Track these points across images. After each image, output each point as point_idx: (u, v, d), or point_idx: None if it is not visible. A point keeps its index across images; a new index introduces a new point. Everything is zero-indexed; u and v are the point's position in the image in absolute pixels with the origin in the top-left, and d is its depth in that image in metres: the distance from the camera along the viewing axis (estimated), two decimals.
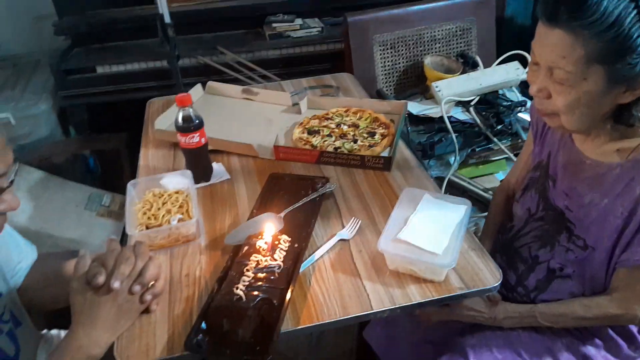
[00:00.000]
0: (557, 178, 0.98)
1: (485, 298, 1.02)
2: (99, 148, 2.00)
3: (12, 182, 0.76)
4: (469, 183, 1.68)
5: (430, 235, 0.91)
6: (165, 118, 1.38)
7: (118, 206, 1.85)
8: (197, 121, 1.11)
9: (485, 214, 1.59)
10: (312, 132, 1.33)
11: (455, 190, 1.69)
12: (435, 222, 0.94)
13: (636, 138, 0.85)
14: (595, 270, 0.93)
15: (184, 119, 1.10)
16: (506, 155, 1.70)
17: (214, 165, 1.23)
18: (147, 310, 0.84)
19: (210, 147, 1.24)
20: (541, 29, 0.80)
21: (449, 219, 0.95)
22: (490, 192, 1.68)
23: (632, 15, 0.72)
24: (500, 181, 1.61)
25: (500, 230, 1.16)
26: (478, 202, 1.68)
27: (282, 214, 1.01)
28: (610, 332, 0.99)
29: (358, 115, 1.40)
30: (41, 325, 1.12)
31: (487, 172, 1.77)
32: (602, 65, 0.76)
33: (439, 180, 1.66)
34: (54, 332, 1.11)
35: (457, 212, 0.97)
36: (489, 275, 0.89)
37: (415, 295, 0.86)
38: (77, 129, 2.16)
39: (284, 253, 0.90)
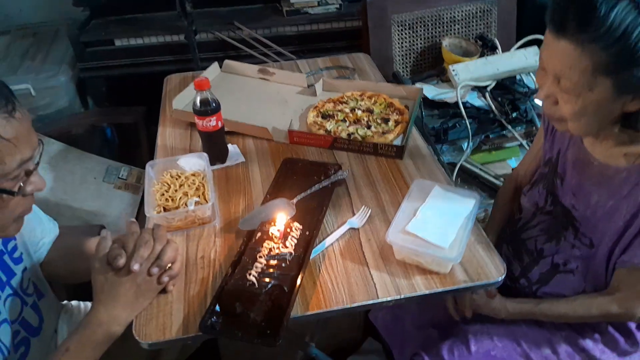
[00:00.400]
0: (565, 176, 0.99)
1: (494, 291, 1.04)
2: (117, 121, 2.03)
3: (37, 164, 0.79)
4: (480, 169, 1.69)
5: (438, 228, 0.93)
6: (182, 97, 1.40)
7: (135, 179, 1.89)
8: (214, 105, 1.13)
9: (498, 192, 1.61)
10: (326, 116, 1.35)
11: (466, 175, 1.70)
12: (443, 215, 0.96)
13: None
14: (597, 267, 0.96)
15: (201, 102, 1.12)
16: (520, 142, 1.70)
17: (230, 147, 1.25)
18: (164, 291, 0.89)
19: (226, 129, 1.26)
20: (548, 37, 0.79)
21: (457, 212, 0.97)
22: (502, 178, 1.69)
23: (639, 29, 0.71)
24: (512, 169, 1.62)
25: (508, 220, 1.18)
26: (489, 189, 1.70)
27: (295, 200, 1.04)
28: (609, 327, 1.02)
29: (373, 99, 1.41)
30: (62, 296, 1.18)
31: (499, 158, 1.78)
32: (609, 76, 0.76)
33: (451, 165, 1.68)
34: (74, 302, 1.17)
35: (466, 205, 0.98)
36: (493, 269, 0.92)
37: (420, 286, 0.89)
38: (96, 101, 2.19)
39: (295, 241, 0.93)
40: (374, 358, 1.54)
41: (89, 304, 1.18)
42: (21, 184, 0.75)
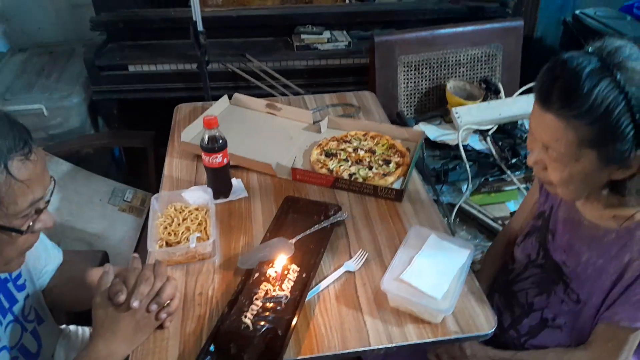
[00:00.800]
0: (556, 233, 1.02)
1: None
2: (127, 144, 2.08)
3: (48, 202, 0.82)
4: (479, 211, 1.71)
5: (432, 277, 0.96)
6: (191, 129, 1.44)
7: (139, 202, 1.93)
8: (221, 142, 1.17)
9: (492, 243, 1.63)
10: (329, 154, 1.38)
11: (465, 216, 1.73)
12: (438, 265, 0.99)
13: (630, 208, 0.88)
14: (583, 323, 0.97)
15: (209, 139, 1.16)
16: (518, 186, 1.73)
17: (234, 181, 1.29)
18: (161, 326, 0.91)
19: (231, 163, 1.30)
20: (535, 108, 0.82)
21: (451, 262, 0.99)
22: (500, 221, 1.72)
23: (621, 106, 0.74)
24: (506, 222, 1.65)
25: (501, 270, 1.20)
26: (486, 230, 1.72)
27: (294, 240, 1.07)
28: None
29: (375, 140, 1.45)
30: (62, 320, 1.20)
31: (498, 201, 1.81)
32: (594, 149, 0.79)
33: (451, 206, 1.70)
34: (72, 327, 1.18)
35: (460, 255, 1.01)
36: (484, 321, 0.93)
37: (412, 335, 0.91)
38: (107, 122, 2.24)
39: (292, 283, 0.95)
40: None
41: (87, 329, 1.20)
42: (30, 222, 0.78)
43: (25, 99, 2.03)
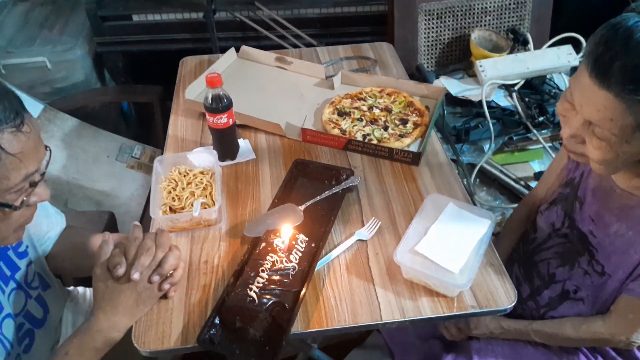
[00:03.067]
0: (584, 201, 0.95)
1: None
2: (134, 100, 2.01)
3: (43, 174, 0.77)
4: (501, 172, 1.63)
5: (448, 250, 0.90)
6: (196, 86, 1.36)
7: (148, 158, 1.88)
8: (225, 101, 1.09)
9: (514, 205, 1.56)
10: (342, 113, 1.30)
11: (486, 178, 1.65)
12: (456, 236, 0.92)
13: None
14: (606, 297, 0.93)
15: (213, 99, 1.08)
16: (544, 146, 1.63)
17: (241, 142, 1.22)
18: (165, 297, 0.88)
19: (238, 122, 1.23)
20: (587, 81, 0.71)
21: (470, 233, 0.93)
22: (522, 182, 1.63)
23: None
24: (530, 183, 1.57)
25: (522, 238, 1.14)
26: (508, 192, 1.64)
27: (303, 207, 1.01)
28: (614, 354, 1.00)
29: (392, 97, 1.35)
30: (69, 282, 1.19)
31: (522, 160, 1.72)
32: None
33: (471, 166, 1.62)
34: (80, 289, 1.17)
35: (480, 226, 0.94)
36: (504, 296, 0.88)
37: (426, 309, 0.87)
38: (113, 76, 2.17)
39: (300, 254, 0.90)
40: (377, 353, 1.53)
41: None
42: (24, 197, 0.73)
43: (28, 52, 1.96)
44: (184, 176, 1.08)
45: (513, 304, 0.87)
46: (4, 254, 0.90)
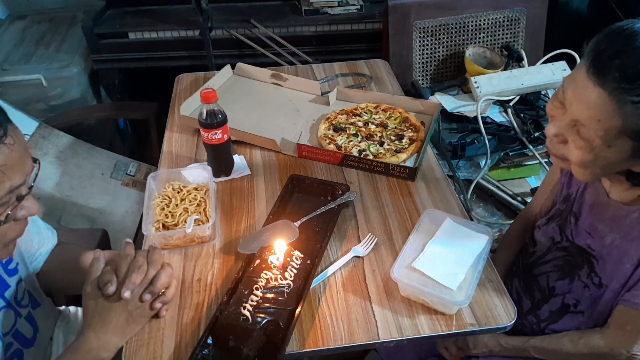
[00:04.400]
0: (580, 216, 0.94)
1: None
2: (129, 116, 2.00)
3: (31, 187, 0.76)
4: (497, 187, 1.62)
5: (446, 266, 0.88)
6: (191, 102, 1.36)
7: (143, 175, 1.87)
8: (220, 117, 1.09)
9: (510, 222, 1.55)
10: (338, 129, 1.29)
11: (482, 193, 1.64)
12: (453, 252, 0.91)
13: None
14: (603, 308, 0.92)
15: (207, 114, 1.08)
16: (540, 161, 1.63)
17: (236, 158, 1.21)
18: (157, 315, 0.86)
19: (233, 138, 1.22)
20: (582, 77, 0.70)
21: (468, 249, 0.92)
22: (519, 198, 1.63)
23: None
24: (526, 199, 1.56)
25: (521, 252, 1.12)
26: (504, 208, 1.63)
27: (298, 223, 1.00)
28: None
29: (388, 113, 1.35)
30: (60, 301, 1.16)
31: (518, 176, 1.72)
32: (633, 140, 0.70)
33: (467, 182, 1.61)
34: (71, 308, 1.14)
35: (478, 241, 0.93)
36: (503, 313, 0.87)
37: (424, 327, 0.85)
38: (109, 93, 2.17)
39: (295, 271, 0.89)
40: None
41: None
42: (9, 212, 0.72)
43: (23, 69, 1.96)
44: (178, 192, 1.07)
45: (513, 321, 0.85)
46: None
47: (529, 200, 1.56)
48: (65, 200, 1.62)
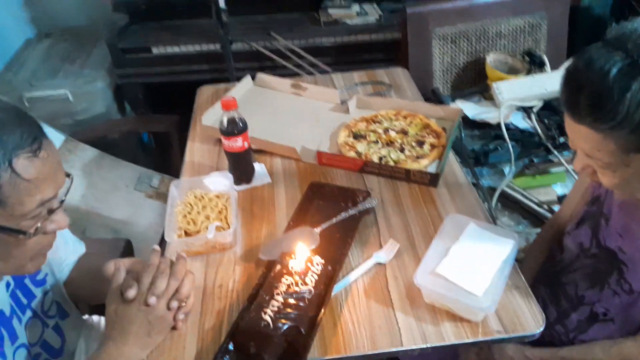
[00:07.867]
0: (610, 217, 0.91)
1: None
2: (152, 129, 2.04)
3: (62, 201, 0.76)
4: (523, 195, 1.58)
5: (471, 271, 0.86)
6: (213, 111, 1.37)
7: (167, 187, 1.89)
8: (241, 125, 1.09)
9: (537, 229, 1.51)
10: (358, 136, 1.29)
11: (507, 201, 1.61)
12: (478, 257, 0.89)
13: None
14: (636, 315, 0.88)
15: (228, 122, 1.09)
16: (566, 168, 1.59)
17: (256, 166, 1.22)
18: (174, 327, 0.85)
19: (254, 147, 1.23)
20: (568, 118, 0.73)
21: (493, 254, 0.89)
22: (545, 206, 1.58)
23: None
24: (553, 207, 1.52)
25: (548, 260, 1.09)
26: (531, 216, 1.59)
27: (319, 229, 0.99)
28: None
29: (408, 120, 1.34)
30: (85, 310, 1.17)
31: (544, 183, 1.67)
32: None
33: (491, 190, 1.58)
34: (95, 317, 1.15)
35: (503, 247, 0.91)
36: (531, 319, 0.84)
37: (449, 334, 0.83)
38: (133, 107, 2.21)
39: (316, 277, 0.88)
40: None
41: None
42: (39, 224, 0.72)
43: (50, 85, 2.02)
44: (200, 200, 1.08)
45: (542, 329, 0.82)
46: (21, 282, 0.89)
47: (555, 208, 1.52)
48: (90, 211, 1.65)
